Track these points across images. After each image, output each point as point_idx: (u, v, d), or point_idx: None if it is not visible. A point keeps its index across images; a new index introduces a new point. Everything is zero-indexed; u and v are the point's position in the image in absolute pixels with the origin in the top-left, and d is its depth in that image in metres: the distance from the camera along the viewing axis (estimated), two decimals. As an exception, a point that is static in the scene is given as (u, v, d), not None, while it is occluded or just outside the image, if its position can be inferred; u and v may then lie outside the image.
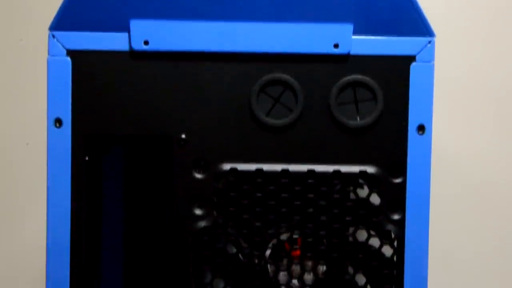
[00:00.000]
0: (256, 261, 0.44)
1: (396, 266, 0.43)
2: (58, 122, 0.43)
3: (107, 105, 0.43)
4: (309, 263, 0.44)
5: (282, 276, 0.44)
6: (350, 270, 0.44)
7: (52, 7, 0.45)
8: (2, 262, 0.80)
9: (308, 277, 0.44)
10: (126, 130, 0.43)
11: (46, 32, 0.44)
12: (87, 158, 0.44)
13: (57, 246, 0.43)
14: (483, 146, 0.69)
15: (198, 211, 0.43)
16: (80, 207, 0.43)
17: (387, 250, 0.44)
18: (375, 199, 0.43)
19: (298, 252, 0.44)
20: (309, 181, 0.43)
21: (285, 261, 0.44)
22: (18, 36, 0.79)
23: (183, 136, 0.43)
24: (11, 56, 0.81)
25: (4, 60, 0.81)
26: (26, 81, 0.82)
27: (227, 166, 0.43)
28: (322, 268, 0.44)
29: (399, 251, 0.43)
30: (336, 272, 0.44)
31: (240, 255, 0.44)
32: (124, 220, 0.52)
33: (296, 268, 0.44)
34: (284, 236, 0.44)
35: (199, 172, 0.43)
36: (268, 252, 0.44)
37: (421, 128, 0.43)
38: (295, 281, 0.44)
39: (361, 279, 0.44)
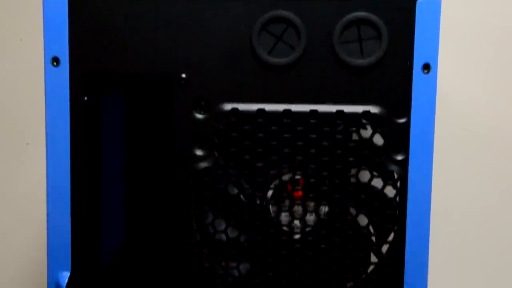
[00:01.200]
0: (258, 202, 0.44)
1: (398, 206, 0.43)
2: (55, 60, 0.43)
3: (105, 43, 0.42)
4: (311, 204, 0.44)
5: (284, 217, 0.44)
6: (352, 211, 0.44)
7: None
8: (2, 216, 0.81)
9: (310, 218, 0.44)
10: (125, 68, 0.42)
11: None
12: (86, 98, 0.43)
13: (57, 191, 0.44)
14: (490, 89, 0.68)
15: (199, 152, 0.43)
16: (80, 148, 0.43)
17: (390, 191, 0.44)
18: (378, 140, 0.43)
19: (300, 193, 0.44)
20: (312, 121, 0.43)
21: (287, 202, 0.44)
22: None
23: (183, 75, 0.43)
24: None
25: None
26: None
27: (228, 106, 0.43)
28: (324, 209, 0.44)
29: (402, 191, 0.43)
30: (338, 213, 0.44)
31: (241, 196, 0.44)
32: (125, 162, 0.52)
33: (298, 209, 0.44)
34: (286, 177, 0.44)
35: (199, 113, 0.43)
36: (269, 193, 0.44)
37: (426, 67, 0.42)
38: (297, 222, 0.44)
39: (363, 220, 0.44)
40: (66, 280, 0.43)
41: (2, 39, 0.81)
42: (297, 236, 0.44)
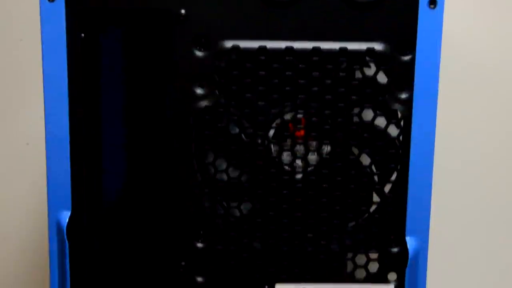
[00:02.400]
0: (259, 141, 0.44)
1: (401, 146, 0.43)
2: (51, -5, 0.42)
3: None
4: (313, 143, 0.44)
5: (286, 156, 0.44)
6: (355, 150, 0.44)
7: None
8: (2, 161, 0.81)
9: (312, 158, 0.44)
10: (121, 3, 0.42)
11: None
12: (83, 35, 0.43)
13: (56, 132, 0.43)
14: (496, 27, 0.67)
15: (199, 91, 0.43)
16: (78, 88, 0.43)
17: (393, 130, 0.44)
18: (382, 78, 0.43)
19: (302, 132, 0.44)
20: (314, 58, 0.42)
21: (288, 141, 0.44)
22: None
23: (183, 11, 0.42)
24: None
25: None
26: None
27: (229, 44, 0.42)
28: (326, 148, 0.44)
29: (405, 130, 0.43)
30: (340, 152, 0.44)
31: (242, 135, 0.44)
32: (124, 103, 0.52)
33: (300, 148, 0.44)
34: (288, 116, 0.44)
35: (200, 50, 0.42)
36: (271, 132, 0.44)
37: (432, 2, 0.41)
38: (298, 162, 0.44)
39: (365, 160, 0.44)
40: (67, 220, 0.43)
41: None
42: (298, 176, 0.44)
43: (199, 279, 0.45)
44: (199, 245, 0.45)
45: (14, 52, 0.81)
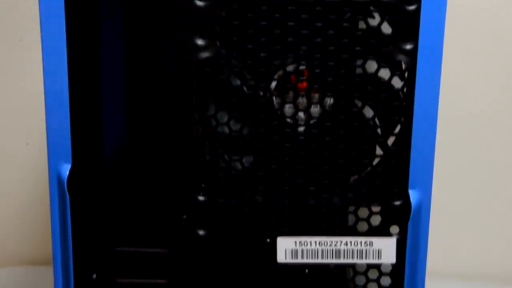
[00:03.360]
0: (261, 93, 0.43)
1: (405, 98, 0.43)
2: None
3: None
4: (316, 96, 0.44)
5: (288, 109, 0.44)
6: (358, 102, 0.43)
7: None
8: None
9: (315, 110, 0.44)
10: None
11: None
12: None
13: (55, 86, 0.43)
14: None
15: (200, 41, 0.42)
16: (77, 41, 0.42)
17: (397, 82, 0.43)
18: (386, 28, 0.42)
19: (304, 84, 0.44)
20: (317, 8, 0.42)
21: (291, 94, 0.44)
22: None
23: (182, -41, 0.41)
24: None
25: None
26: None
27: (230, -7, 0.42)
28: (329, 101, 0.44)
29: (409, 82, 0.42)
30: (343, 105, 0.43)
31: (244, 87, 0.43)
32: (124, 56, 0.51)
33: (302, 101, 0.44)
34: (290, 68, 0.43)
35: (200, 0, 0.42)
36: (273, 84, 0.44)
37: (439, -52, 0.41)
38: (301, 114, 0.44)
39: (369, 112, 0.44)
40: (67, 173, 0.44)
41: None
42: (301, 129, 0.44)
43: (201, 232, 0.45)
44: (201, 198, 0.45)
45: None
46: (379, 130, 0.44)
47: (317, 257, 0.45)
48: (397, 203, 0.44)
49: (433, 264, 0.49)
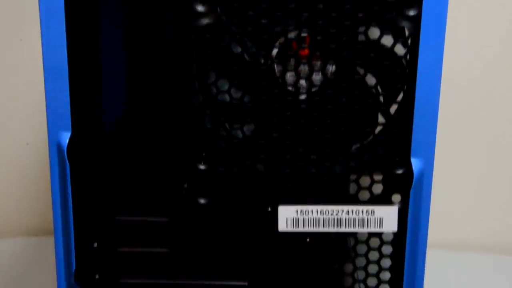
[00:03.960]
0: (262, 61, 0.43)
1: (408, 65, 0.42)
2: None
3: None
4: (318, 63, 0.43)
5: (289, 76, 0.44)
6: (360, 70, 0.43)
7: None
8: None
9: (317, 78, 0.44)
10: None
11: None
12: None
13: (54, 57, 0.43)
14: None
15: (200, 8, 0.42)
16: (76, 10, 0.42)
17: (400, 49, 0.43)
18: (389, -6, 0.42)
19: (306, 51, 0.43)
20: (319, -27, 0.41)
21: (292, 61, 0.44)
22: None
23: None
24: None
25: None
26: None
27: (230, -42, 0.41)
28: (331, 68, 0.43)
29: (413, 49, 0.42)
30: (345, 72, 0.43)
31: (245, 55, 0.43)
32: (124, 24, 0.51)
33: (304, 68, 0.44)
34: (291, 35, 0.43)
35: (200, -35, 0.41)
36: (274, 51, 0.43)
37: None
38: (302, 82, 0.44)
39: (371, 80, 0.43)
40: (67, 141, 0.43)
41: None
42: (302, 97, 0.44)
43: (202, 200, 0.45)
44: (202, 167, 0.45)
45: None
46: (381, 98, 0.44)
47: (318, 226, 0.45)
48: (399, 171, 0.44)
49: (434, 235, 0.49)
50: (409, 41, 0.42)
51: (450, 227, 0.89)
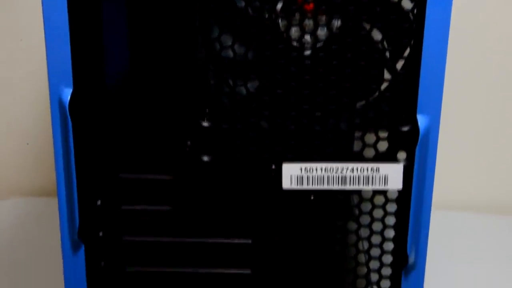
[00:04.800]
0: (266, 15, 0.42)
1: (416, 20, 0.42)
2: None
3: None
4: (323, 18, 0.43)
5: (294, 31, 0.43)
6: (366, 25, 0.42)
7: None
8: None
9: (322, 33, 0.43)
10: None
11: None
12: None
13: (54, 12, 0.42)
14: None
15: (203, -40, 0.41)
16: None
17: (407, 3, 0.42)
18: None
19: (311, 6, 0.42)
20: None
21: (297, 16, 0.43)
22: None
23: None
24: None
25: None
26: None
27: None
28: (336, 23, 0.43)
29: (420, 3, 0.41)
30: (351, 27, 0.42)
31: (249, 9, 0.42)
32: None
33: (309, 23, 0.43)
34: (296, -12, 0.42)
35: None
36: (279, 5, 0.43)
37: None
38: (307, 37, 0.43)
39: (377, 35, 0.43)
40: (69, 96, 0.43)
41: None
42: (307, 52, 0.43)
43: (205, 158, 0.45)
44: (205, 124, 0.45)
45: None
46: (387, 54, 0.43)
47: (323, 184, 0.45)
48: (405, 128, 0.43)
49: (438, 195, 0.49)
50: (417, -4, 0.42)
51: (454, 187, 0.89)
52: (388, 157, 0.44)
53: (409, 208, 0.45)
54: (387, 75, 0.43)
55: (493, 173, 0.89)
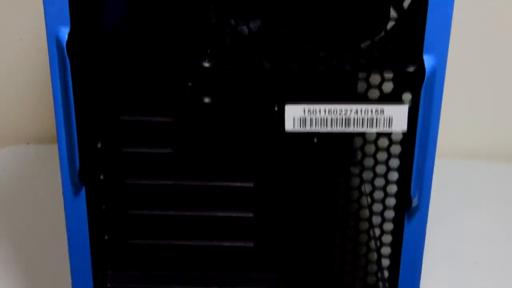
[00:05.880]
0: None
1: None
2: None
3: None
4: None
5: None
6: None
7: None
8: None
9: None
10: None
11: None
12: None
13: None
14: None
15: None
16: None
17: None
18: None
19: None
20: None
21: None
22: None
23: None
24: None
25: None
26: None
27: None
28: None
29: None
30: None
31: None
32: None
33: (313, -41, 0.42)
34: None
35: None
36: None
37: None
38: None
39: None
40: (67, 36, 0.42)
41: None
42: (311, -8, 0.42)
43: (206, 99, 0.45)
44: (206, 64, 0.44)
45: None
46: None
47: (326, 126, 0.44)
48: (411, 69, 0.43)
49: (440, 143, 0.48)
50: None
51: (458, 135, 0.89)
52: (393, 98, 0.44)
53: (413, 150, 0.44)
54: (393, 14, 0.42)
55: (499, 120, 0.88)
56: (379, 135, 0.45)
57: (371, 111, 0.44)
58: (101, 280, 0.50)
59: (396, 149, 0.45)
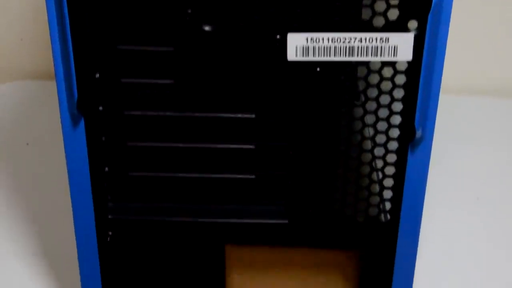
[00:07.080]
0: None
1: None
2: None
3: None
4: None
5: None
6: None
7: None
8: None
9: None
10: None
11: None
12: None
13: None
14: None
15: None
16: None
17: None
18: None
19: None
20: None
21: None
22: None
23: None
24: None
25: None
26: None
27: None
28: None
29: None
30: None
31: None
32: None
33: None
34: None
35: None
36: None
37: None
38: None
39: None
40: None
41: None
42: None
43: (207, 27, 0.44)
44: (206, -9, 0.43)
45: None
46: None
47: (329, 55, 0.43)
48: (417, -4, 0.41)
49: (445, 80, 0.48)
50: None
51: (462, 72, 0.88)
52: (398, 26, 0.43)
53: (418, 80, 0.44)
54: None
55: (502, 55, 0.87)
56: (384, 64, 0.44)
57: (376, 40, 0.43)
58: (102, 212, 0.50)
59: (400, 79, 0.44)
